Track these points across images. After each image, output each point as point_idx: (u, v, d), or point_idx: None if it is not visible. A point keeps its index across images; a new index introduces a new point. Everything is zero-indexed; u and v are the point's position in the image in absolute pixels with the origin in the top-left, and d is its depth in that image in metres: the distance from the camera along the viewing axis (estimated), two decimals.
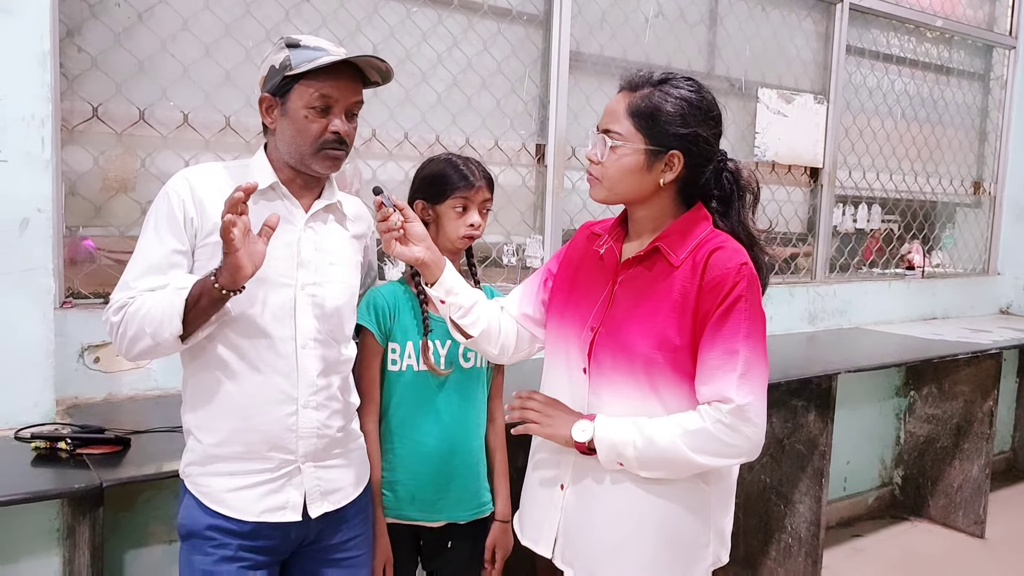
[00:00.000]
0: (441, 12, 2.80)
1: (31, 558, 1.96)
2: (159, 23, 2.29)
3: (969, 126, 4.80)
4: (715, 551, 1.52)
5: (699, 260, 1.41)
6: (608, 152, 1.43)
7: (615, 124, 1.44)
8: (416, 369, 1.79)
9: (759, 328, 1.41)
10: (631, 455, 1.40)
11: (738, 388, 1.36)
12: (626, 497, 1.46)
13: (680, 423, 1.39)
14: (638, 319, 1.44)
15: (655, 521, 1.46)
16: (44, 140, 1.94)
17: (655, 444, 1.39)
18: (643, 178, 1.43)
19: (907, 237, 4.55)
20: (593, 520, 1.50)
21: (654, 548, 1.47)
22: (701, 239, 1.44)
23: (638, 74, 1.46)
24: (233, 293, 1.39)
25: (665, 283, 1.43)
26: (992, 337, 3.89)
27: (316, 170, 1.53)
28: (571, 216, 3.17)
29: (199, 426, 1.53)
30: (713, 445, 1.38)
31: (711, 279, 1.39)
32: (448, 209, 1.78)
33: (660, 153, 1.41)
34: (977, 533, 3.82)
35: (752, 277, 1.41)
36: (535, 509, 1.61)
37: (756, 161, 3.69)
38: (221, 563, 1.50)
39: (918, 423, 4.10)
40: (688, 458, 1.38)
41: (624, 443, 1.40)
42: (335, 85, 1.48)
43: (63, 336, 2.08)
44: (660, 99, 1.41)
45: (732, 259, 1.40)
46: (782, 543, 3.21)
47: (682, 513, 1.47)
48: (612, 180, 1.44)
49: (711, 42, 3.59)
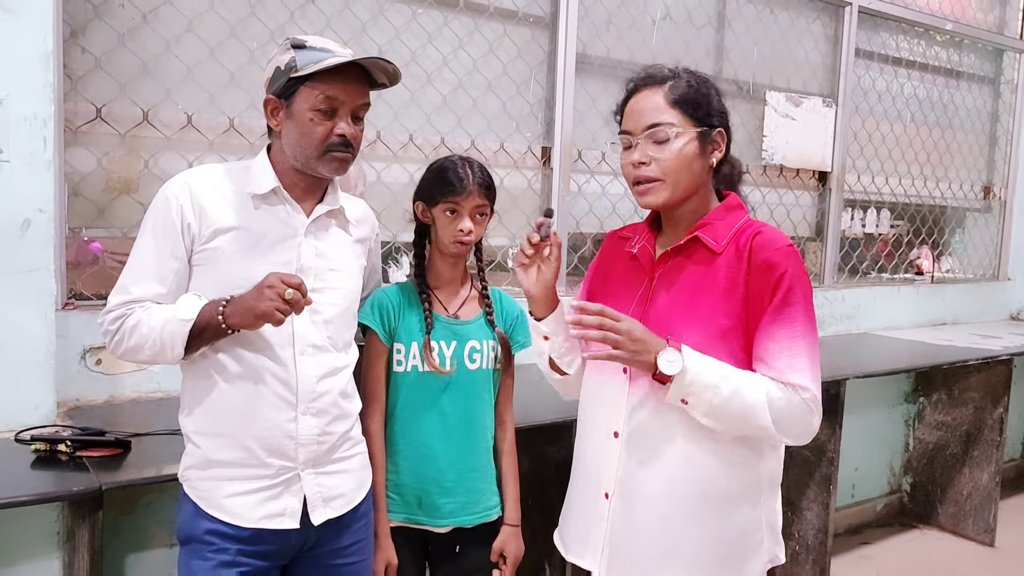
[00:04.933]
0: (447, 14, 2.79)
1: (31, 561, 1.95)
2: (163, 24, 2.28)
3: (979, 130, 4.76)
4: (769, 548, 1.49)
5: (743, 245, 1.41)
6: (662, 147, 1.40)
7: (660, 116, 1.40)
8: (421, 370, 1.78)
9: (812, 308, 1.42)
10: (708, 399, 1.35)
11: (812, 379, 1.38)
12: (673, 500, 1.43)
13: (768, 389, 1.37)
14: (683, 308, 1.42)
15: (705, 521, 1.43)
16: (47, 140, 1.93)
17: (741, 398, 1.35)
18: (700, 164, 1.42)
19: (916, 242, 4.51)
20: (641, 527, 1.45)
21: (708, 549, 1.44)
22: (740, 226, 1.44)
23: (652, 70, 1.46)
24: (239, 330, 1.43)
25: (708, 270, 1.42)
26: (1003, 343, 3.84)
27: (322, 173, 1.51)
28: (577, 219, 3.15)
29: (198, 431, 1.52)
30: (792, 421, 1.38)
31: (760, 261, 1.39)
32: (440, 213, 1.75)
33: (708, 134, 1.42)
34: (987, 541, 3.77)
35: (798, 257, 1.41)
36: (579, 522, 1.57)
37: (764, 164, 3.66)
38: (220, 568, 1.48)
39: (927, 430, 4.06)
40: (762, 424, 1.36)
41: (707, 386, 1.35)
42: (341, 87, 1.46)
43: (65, 337, 2.07)
44: (694, 83, 1.42)
45: (778, 240, 1.41)
46: (789, 550, 3.16)
47: (732, 511, 1.44)
48: (676, 173, 1.40)
49: (719, 44, 3.57)
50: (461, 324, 1.82)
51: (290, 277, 1.39)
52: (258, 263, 1.46)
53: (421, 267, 1.84)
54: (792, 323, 1.38)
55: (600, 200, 3.22)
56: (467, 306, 1.84)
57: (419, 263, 1.85)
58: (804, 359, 1.38)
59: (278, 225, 1.51)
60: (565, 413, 2.24)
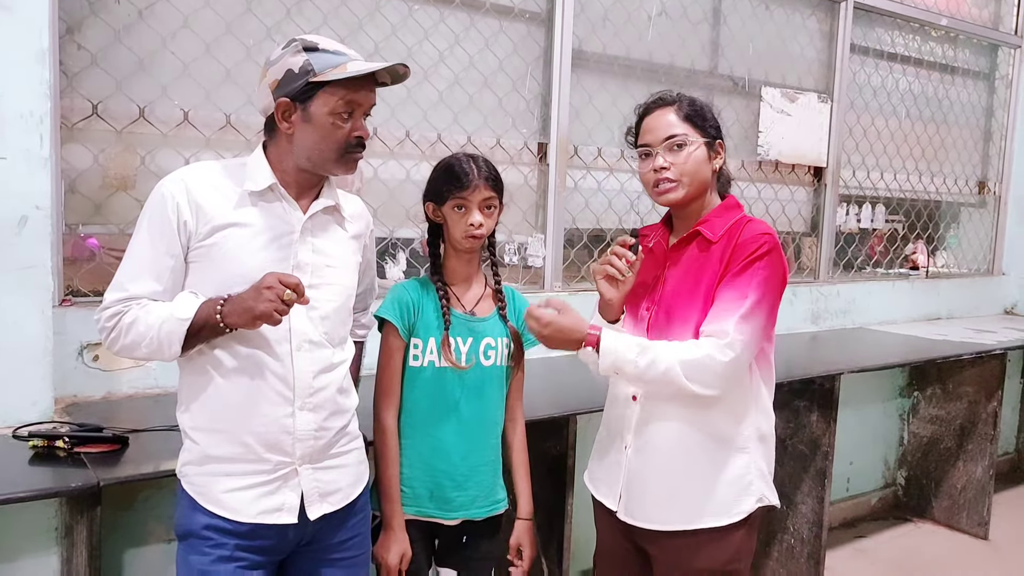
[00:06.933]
0: (443, 10, 2.79)
1: (30, 556, 1.96)
2: (159, 20, 2.28)
3: (974, 125, 4.78)
4: (759, 488, 1.71)
5: (734, 233, 1.67)
6: (679, 154, 1.67)
7: (675, 129, 1.68)
8: (437, 365, 1.81)
9: (771, 287, 1.63)
10: (629, 371, 1.62)
11: (736, 326, 1.58)
12: (681, 449, 1.69)
13: (680, 354, 1.60)
14: (686, 290, 1.68)
15: (703, 467, 1.68)
16: (43, 137, 1.93)
17: (655, 367, 1.60)
18: (707, 167, 1.70)
19: (911, 237, 4.53)
20: (652, 474, 1.72)
21: (706, 489, 1.68)
22: (736, 220, 1.70)
23: (661, 94, 1.75)
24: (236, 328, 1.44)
25: (707, 257, 1.68)
26: (997, 338, 3.87)
27: (337, 173, 1.53)
28: (573, 215, 3.16)
29: (195, 427, 1.52)
30: (704, 375, 1.59)
31: (740, 243, 1.64)
32: (450, 210, 1.78)
33: (712, 144, 1.70)
34: (981, 535, 3.80)
35: (775, 245, 1.64)
36: (603, 467, 1.83)
37: (760, 160, 3.67)
38: (218, 563, 1.49)
39: (922, 424, 4.08)
40: (679, 383, 1.59)
41: (627, 361, 1.61)
42: (360, 91, 1.48)
43: (62, 334, 2.08)
44: (697, 104, 1.72)
45: (759, 229, 1.66)
46: (784, 544, 3.19)
47: (725, 458, 1.68)
48: (691, 174, 1.68)
49: (714, 40, 3.57)
50: (477, 321, 1.85)
51: (288, 277, 1.40)
52: (255, 260, 1.47)
53: (437, 265, 1.87)
54: (743, 286, 1.60)
55: (596, 196, 3.23)
56: (482, 303, 1.88)
57: (435, 261, 1.87)
58: (737, 314, 1.59)
59: (275, 222, 1.51)
60: (562, 408, 2.25)
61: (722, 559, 1.68)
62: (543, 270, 3.09)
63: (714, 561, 1.68)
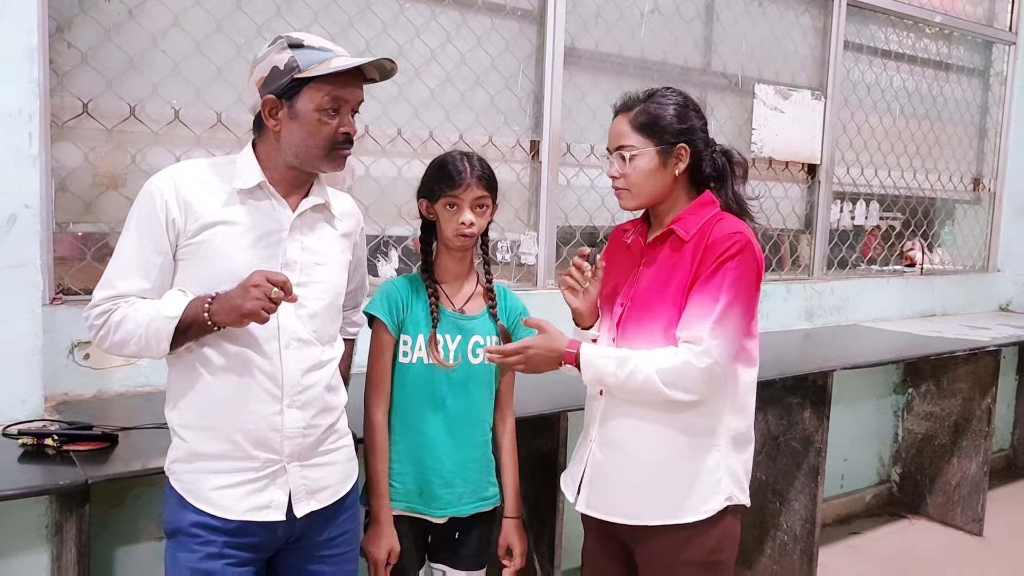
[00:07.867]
0: (434, 7, 2.79)
1: (19, 554, 1.96)
2: (149, 19, 2.28)
3: (969, 122, 4.78)
4: (728, 487, 1.69)
5: (705, 232, 1.66)
6: (627, 164, 1.68)
7: (624, 140, 1.69)
8: (426, 362, 1.81)
9: (743, 287, 1.62)
10: (610, 383, 1.65)
11: (711, 332, 1.58)
12: (643, 443, 1.69)
13: (658, 363, 1.61)
14: (659, 288, 1.69)
15: (673, 463, 1.68)
16: (32, 136, 1.93)
17: (634, 377, 1.62)
18: (662, 175, 1.68)
19: (906, 234, 4.53)
20: (618, 469, 1.72)
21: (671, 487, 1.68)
22: (709, 217, 1.69)
23: (629, 96, 1.72)
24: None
25: (679, 255, 1.68)
26: (991, 334, 3.87)
27: (325, 170, 1.53)
28: (566, 213, 3.16)
29: (183, 425, 1.53)
30: (683, 382, 1.60)
31: (711, 243, 1.64)
32: (442, 208, 1.78)
33: (669, 150, 1.67)
34: (975, 531, 3.81)
35: (745, 244, 1.63)
36: (573, 460, 1.86)
37: (753, 157, 3.67)
38: (207, 560, 1.50)
39: (916, 420, 4.09)
40: (658, 391, 1.60)
41: (608, 373, 1.64)
42: (346, 87, 1.48)
43: (52, 332, 2.08)
44: (655, 108, 1.68)
45: (729, 228, 1.65)
46: (777, 541, 3.20)
47: (692, 456, 1.68)
48: (638, 185, 1.68)
49: (707, 38, 3.57)
50: (467, 319, 1.85)
51: (275, 275, 1.40)
52: (243, 258, 1.47)
53: (428, 262, 1.87)
54: (714, 290, 1.60)
55: (589, 193, 3.23)
56: (473, 301, 1.88)
57: (426, 259, 1.87)
58: (710, 319, 1.59)
59: (264, 220, 1.52)
60: (551, 405, 2.25)
61: (702, 552, 1.69)
62: (536, 268, 3.09)
63: (694, 554, 1.68)
